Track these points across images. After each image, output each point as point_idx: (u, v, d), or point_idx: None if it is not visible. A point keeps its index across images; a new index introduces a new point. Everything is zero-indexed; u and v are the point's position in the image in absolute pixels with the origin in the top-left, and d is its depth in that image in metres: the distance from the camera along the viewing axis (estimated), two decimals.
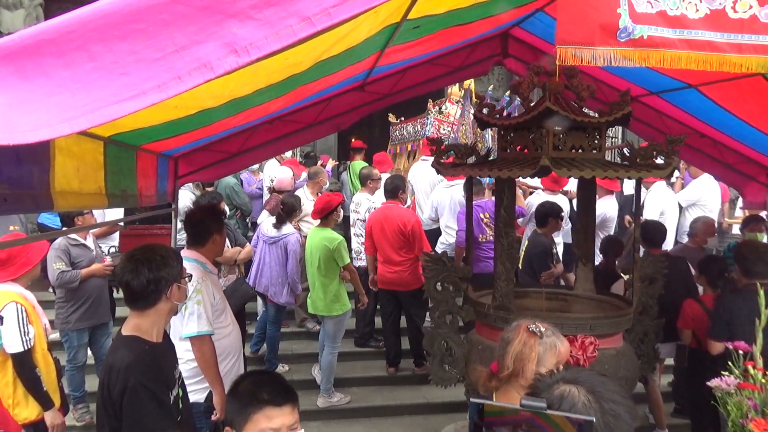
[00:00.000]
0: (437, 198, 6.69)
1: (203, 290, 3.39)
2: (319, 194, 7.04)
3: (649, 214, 6.60)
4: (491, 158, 3.91)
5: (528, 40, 4.41)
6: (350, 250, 6.87)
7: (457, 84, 9.27)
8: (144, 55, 1.23)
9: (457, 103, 9.23)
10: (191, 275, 2.76)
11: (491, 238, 5.89)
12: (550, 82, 3.40)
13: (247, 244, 5.78)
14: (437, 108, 9.69)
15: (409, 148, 9.43)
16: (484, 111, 3.76)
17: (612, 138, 10.28)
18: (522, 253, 5.84)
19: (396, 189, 5.90)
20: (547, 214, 5.83)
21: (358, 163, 9.30)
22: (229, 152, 4.21)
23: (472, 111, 9.24)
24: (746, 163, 4.92)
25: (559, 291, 4.25)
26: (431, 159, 7.97)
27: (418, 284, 5.67)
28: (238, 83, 2.04)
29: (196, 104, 2.22)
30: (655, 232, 5.16)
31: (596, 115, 3.56)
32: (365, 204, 6.55)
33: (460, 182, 6.46)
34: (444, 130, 8.91)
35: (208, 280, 3.46)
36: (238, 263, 5.50)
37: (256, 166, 8.60)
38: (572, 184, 7.24)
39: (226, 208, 6.72)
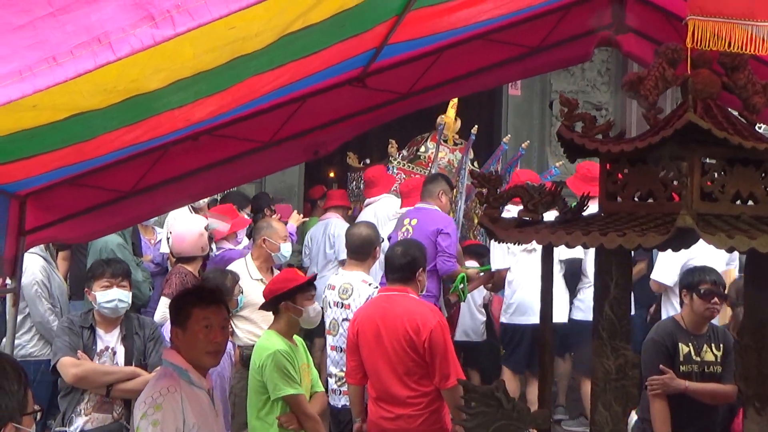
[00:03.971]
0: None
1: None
2: (275, 270, 7.06)
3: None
4: (588, 213, 3.97)
5: (663, 3, 4.51)
6: (326, 375, 6.84)
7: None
8: None
9: (447, 142, 9.70)
10: None
11: None
12: (697, 76, 3.49)
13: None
14: (413, 149, 10.04)
15: None
16: (576, 128, 3.84)
17: None
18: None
19: (410, 264, 5.83)
20: (687, 285, 5.94)
21: (314, 222, 9.47)
22: (118, 190, 4.28)
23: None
24: None
25: None
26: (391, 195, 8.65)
27: None
28: (144, 69, 2.10)
29: (69, 103, 2.28)
30: None
31: None
32: (361, 291, 6.54)
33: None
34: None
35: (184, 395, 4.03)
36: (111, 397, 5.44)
37: (153, 220, 8.62)
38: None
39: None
